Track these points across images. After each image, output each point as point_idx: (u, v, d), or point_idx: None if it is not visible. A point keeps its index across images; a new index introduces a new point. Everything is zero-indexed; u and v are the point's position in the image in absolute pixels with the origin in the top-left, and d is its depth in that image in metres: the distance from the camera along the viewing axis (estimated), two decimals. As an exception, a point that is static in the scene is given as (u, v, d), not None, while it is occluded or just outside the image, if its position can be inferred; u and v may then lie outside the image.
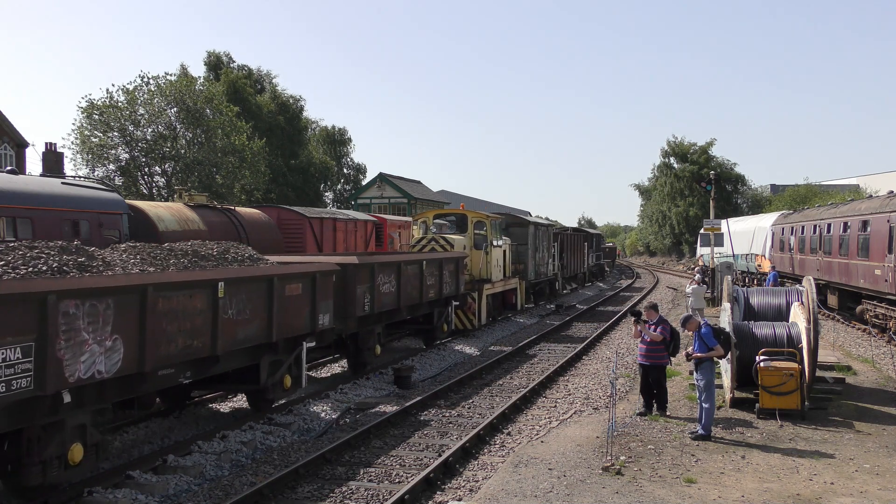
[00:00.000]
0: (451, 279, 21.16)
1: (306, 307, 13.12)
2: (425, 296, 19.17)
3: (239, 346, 11.35)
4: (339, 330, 15.01)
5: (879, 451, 10.82)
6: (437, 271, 20.01)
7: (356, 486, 10.02)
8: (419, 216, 26.76)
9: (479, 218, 25.91)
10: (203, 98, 42.41)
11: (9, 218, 14.36)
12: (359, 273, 15.54)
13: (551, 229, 37.32)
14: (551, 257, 36.61)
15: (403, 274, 17.64)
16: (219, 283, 10.62)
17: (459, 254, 22.52)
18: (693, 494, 9.00)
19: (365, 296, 15.82)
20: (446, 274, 20.71)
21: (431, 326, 21.01)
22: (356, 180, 72.32)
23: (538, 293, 35.45)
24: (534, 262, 32.47)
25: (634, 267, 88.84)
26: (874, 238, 23.05)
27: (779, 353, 12.95)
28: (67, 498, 9.12)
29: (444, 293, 20.59)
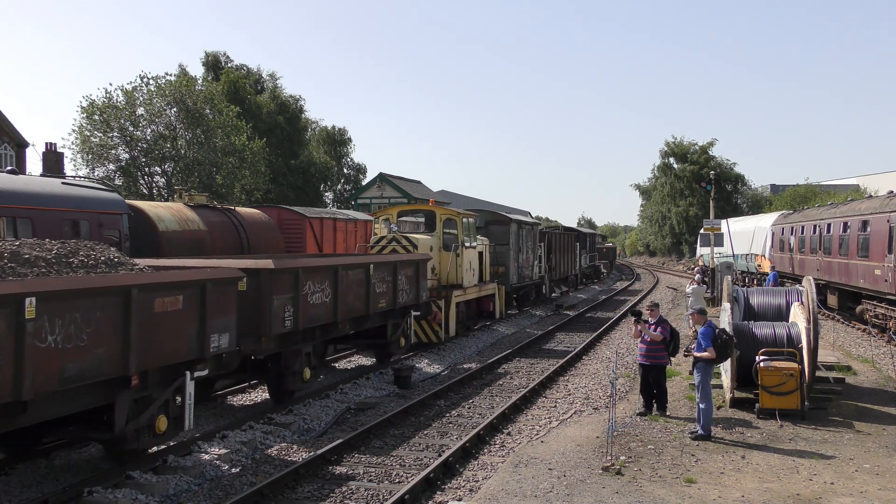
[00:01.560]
0: (410, 285, 18.22)
1: (190, 326, 10.21)
2: (374, 306, 16.21)
3: (70, 385, 8.43)
4: (251, 351, 12.48)
5: (879, 451, 10.83)
6: (389, 277, 17.05)
7: (356, 486, 10.02)
8: (381, 213, 23.82)
9: (448, 215, 23.00)
10: (203, 98, 42.42)
11: (9, 218, 14.36)
12: (277, 280, 12.60)
13: (537, 228, 34.38)
14: (537, 259, 33.82)
15: (342, 281, 14.76)
16: (25, 298, 7.73)
17: (420, 256, 19.45)
18: (693, 494, 9.01)
19: (286, 308, 12.84)
20: (403, 279, 17.68)
21: (385, 341, 18.01)
22: (356, 180, 72.27)
23: (522, 298, 32.68)
24: (516, 264, 29.71)
25: (634, 267, 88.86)
26: (874, 238, 23.05)
27: (779, 353, 12.96)
28: (67, 498, 9.12)
29: (399, 302, 17.57)
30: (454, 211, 23.46)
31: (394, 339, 18.20)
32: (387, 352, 18.46)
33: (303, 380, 14.25)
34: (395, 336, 18.25)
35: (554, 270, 38.85)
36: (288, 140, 60.59)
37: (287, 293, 12.96)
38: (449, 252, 22.17)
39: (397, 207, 24.35)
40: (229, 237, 20.87)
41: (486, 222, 28.58)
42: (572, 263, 44.87)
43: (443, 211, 23.33)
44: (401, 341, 18.58)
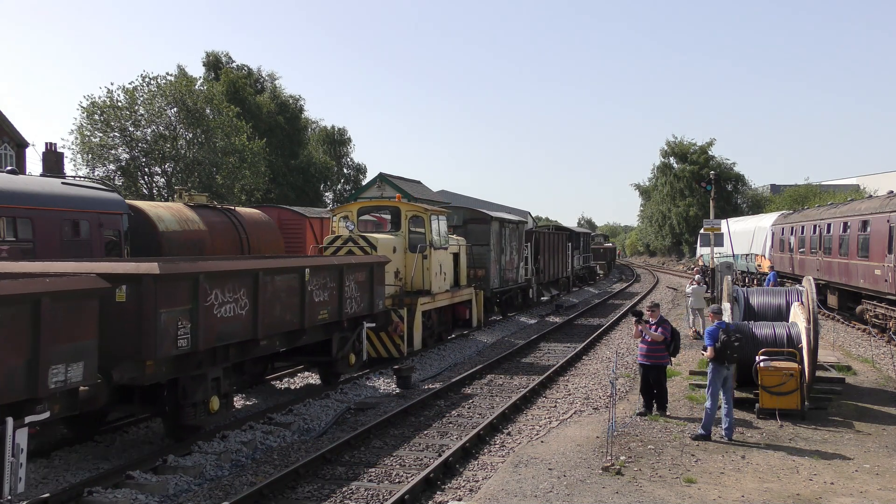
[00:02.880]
0: (362, 293, 15.62)
1: (17, 358, 7.88)
2: (312, 318, 13.66)
3: None
4: (131, 379, 10.04)
5: (879, 451, 10.83)
6: (333, 283, 14.42)
7: (356, 486, 10.02)
8: (340, 209, 21.07)
9: (415, 212, 20.45)
10: (203, 98, 42.44)
11: (9, 218, 14.36)
12: (165, 289, 10.00)
13: (522, 227, 31.64)
14: (522, 260, 31.27)
15: (266, 288, 12.18)
16: None
17: (374, 258, 16.75)
18: (693, 494, 9.01)
19: (180, 324, 10.24)
20: (351, 286, 15.12)
21: (329, 358, 15.29)
22: (356, 180, 72.27)
23: (506, 304, 30.23)
24: (498, 266, 27.28)
25: (634, 267, 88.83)
26: (874, 238, 23.05)
27: (779, 353, 12.97)
28: (67, 498, 9.13)
29: (347, 312, 15.00)
30: (421, 207, 20.92)
31: (341, 356, 15.53)
32: (333, 371, 15.80)
33: (208, 412, 11.48)
34: (344, 352, 15.58)
35: (542, 273, 36.19)
36: (288, 140, 60.60)
37: (181, 305, 10.30)
38: (416, 254, 19.79)
39: (358, 203, 21.79)
40: (229, 237, 20.86)
41: (464, 221, 26.37)
42: (563, 265, 41.87)
43: (409, 207, 20.76)
44: (350, 358, 15.91)
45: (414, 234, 20.30)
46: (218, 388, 11.75)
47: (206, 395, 11.40)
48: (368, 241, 18.51)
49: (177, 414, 11.19)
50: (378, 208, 22.75)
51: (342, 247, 18.49)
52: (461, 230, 25.66)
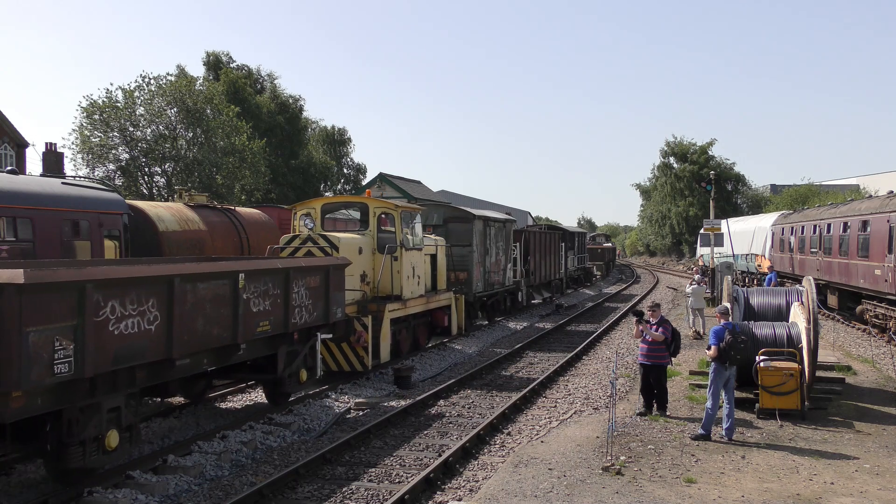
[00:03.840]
0: (315, 300, 13.76)
1: None
2: (248, 330, 11.73)
3: None
4: None
5: (879, 451, 10.83)
6: (277, 289, 12.52)
7: (356, 486, 10.02)
8: (301, 206, 19.13)
9: (385, 209, 18.69)
10: (203, 98, 42.46)
11: (9, 218, 14.35)
12: (35, 303, 8.08)
13: (510, 226, 29.64)
14: (510, 261, 29.40)
15: (183, 298, 10.21)
16: None
17: (332, 261, 14.74)
18: (693, 494, 9.01)
19: (57, 345, 8.34)
20: (302, 293, 13.24)
21: (275, 376, 13.45)
22: (356, 180, 72.32)
23: (492, 308, 28.18)
24: (482, 268, 25.55)
25: (634, 267, 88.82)
26: (874, 238, 23.05)
27: (779, 353, 12.97)
28: (67, 498, 9.13)
29: (295, 323, 13.09)
30: (391, 203, 19.07)
31: (290, 373, 13.78)
32: (281, 389, 13.83)
33: (104, 450, 9.50)
34: (293, 368, 13.83)
35: (533, 274, 34.24)
36: (288, 140, 60.62)
37: (60, 321, 8.39)
38: (385, 255, 17.93)
39: (322, 199, 19.95)
40: (229, 237, 20.86)
41: (445, 219, 24.82)
42: (556, 266, 39.79)
43: (378, 204, 18.89)
44: (301, 374, 14.21)
45: (384, 234, 18.65)
46: (118, 419, 9.68)
47: (100, 430, 9.41)
48: (329, 240, 16.64)
49: (62, 454, 9.06)
50: (345, 205, 21.03)
51: (300, 247, 16.66)
52: (441, 230, 24.22)
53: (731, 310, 13.97)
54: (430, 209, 25.32)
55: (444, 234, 23.55)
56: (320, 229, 18.17)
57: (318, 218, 18.59)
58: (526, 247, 32.88)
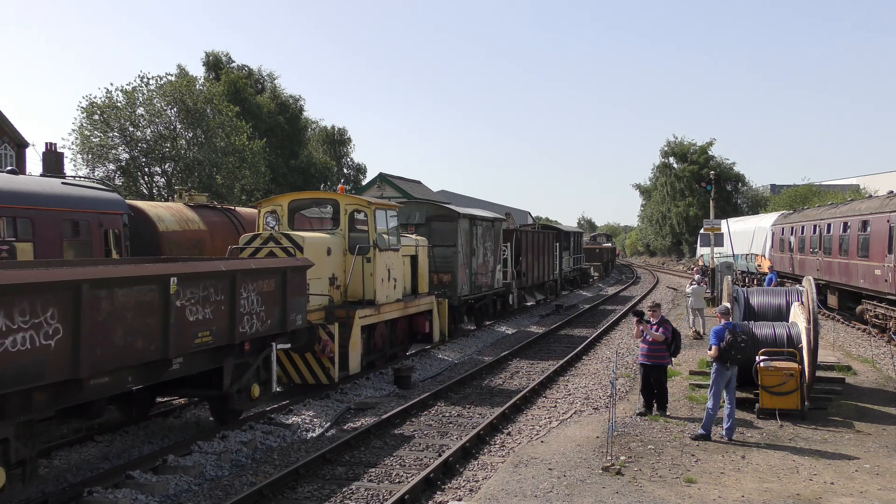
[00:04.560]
0: (271, 306, 12.24)
1: None
2: (183, 342, 10.24)
3: None
4: None
5: (879, 451, 10.83)
6: (221, 295, 10.99)
7: (356, 486, 10.02)
8: (266, 202, 17.69)
9: (356, 205, 17.17)
10: (203, 98, 42.47)
11: (9, 218, 14.36)
12: None
13: (499, 225, 28.25)
14: (500, 262, 27.99)
15: (95, 307, 8.75)
16: None
17: (290, 262, 13.40)
18: (693, 494, 9.01)
19: None
20: (251, 298, 11.69)
21: (220, 392, 11.91)
22: (356, 180, 72.36)
23: (479, 312, 26.70)
24: (468, 269, 24.17)
25: (634, 267, 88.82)
26: (874, 238, 23.06)
27: (779, 353, 12.97)
28: (67, 498, 9.13)
29: (244, 332, 11.55)
30: (364, 200, 17.50)
31: (239, 388, 12.23)
32: (228, 407, 12.38)
33: None
34: (242, 382, 12.26)
35: (525, 276, 32.69)
36: (288, 140, 60.64)
37: None
38: (358, 256, 16.49)
39: (290, 195, 18.08)
40: (229, 237, 20.86)
41: (428, 218, 23.39)
42: (550, 267, 38.13)
43: (349, 200, 17.39)
44: (254, 389, 12.65)
45: (357, 233, 17.17)
46: (5, 454, 8.19)
47: None
48: (292, 240, 15.16)
49: None
50: (315, 201, 19.19)
51: (262, 248, 15.11)
52: (424, 229, 22.80)
53: (731, 310, 13.99)
54: (412, 207, 24.04)
55: (426, 234, 22.32)
56: (287, 228, 16.77)
57: (285, 216, 17.17)
58: (517, 247, 31.70)
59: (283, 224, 16.92)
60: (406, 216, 22.56)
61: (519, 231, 32.79)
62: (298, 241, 15.16)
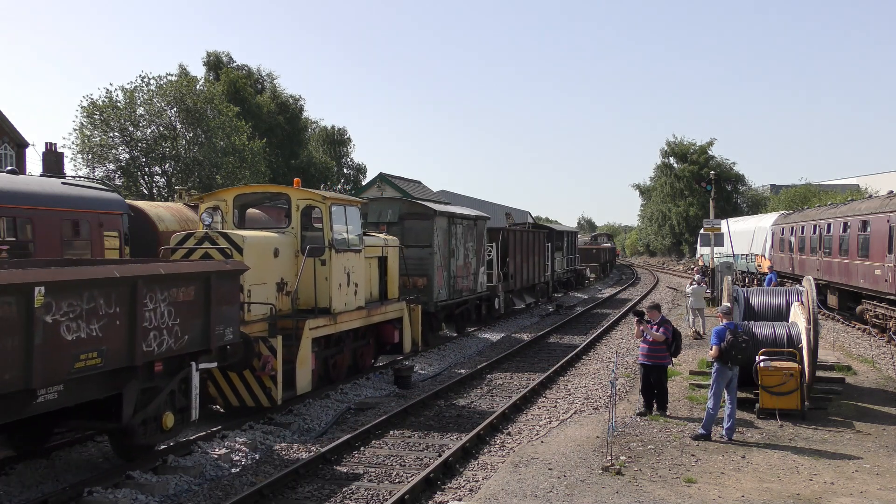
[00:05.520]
0: (188, 318, 10.21)
1: None
2: (58, 367, 8.27)
3: None
4: None
5: (879, 451, 10.83)
6: (114, 307, 8.93)
7: (356, 486, 10.02)
8: (210, 197, 15.72)
9: (310, 200, 15.12)
10: (203, 98, 42.48)
11: (9, 218, 14.36)
12: None
13: (482, 224, 26.43)
14: (483, 264, 26.18)
15: None
16: None
17: (213, 266, 11.12)
18: (693, 494, 9.01)
19: None
20: (160, 310, 9.66)
21: (119, 424, 9.78)
22: (356, 180, 72.34)
23: (461, 318, 24.78)
24: (446, 272, 22.44)
25: (634, 268, 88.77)
26: (874, 238, 23.06)
27: (779, 353, 12.97)
28: (67, 498, 9.13)
29: (149, 351, 9.53)
30: (319, 194, 15.36)
31: (146, 418, 10.11)
32: (131, 442, 10.21)
33: None
34: (149, 412, 10.12)
35: (513, 278, 30.78)
36: (288, 140, 60.63)
37: None
38: (312, 257, 14.49)
39: (236, 189, 16.19)
40: (229, 237, 20.86)
41: (401, 216, 21.71)
42: (541, 268, 36.09)
43: (302, 195, 15.25)
44: (166, 419, 10.45)
45: (314, 232, 15.41)
46: None
47: None
48: (231, 239, 13.22)
49: None
50: (263, 196, 17.06)
51: (196, 248, 13.24)
52: (397, 228, 21.15)
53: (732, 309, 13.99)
54: (384, 204, 22.38)
55: (399, 233, 20.65)
56: (234, 226, 14.98)
57: (231, 212, 15.14)
58: (504, 248, 29.76)
59: (229, 222, 15.05)
60: (377, 214, 21.42)
61: (506, 230, 30.97)
62: (237, 242, 13.23)
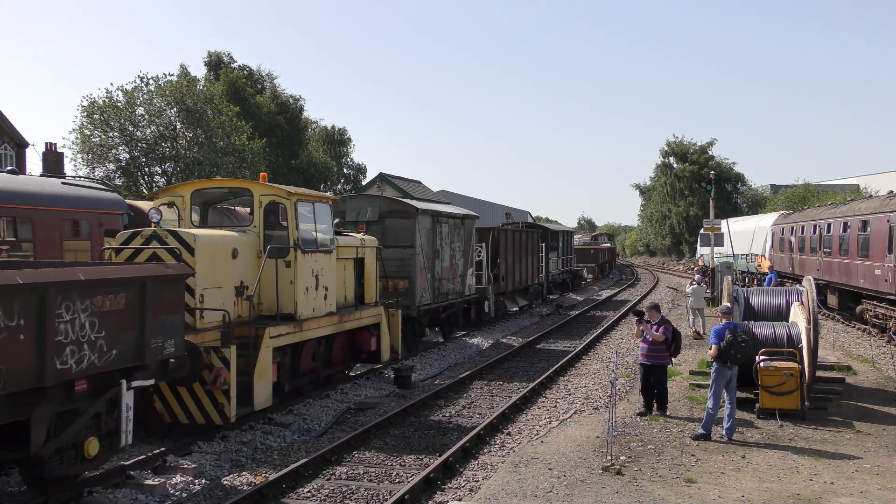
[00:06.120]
0: (115, 330, 8.73)
1: None
2: None
3: None
4: None
5: (879, 451, 10.83)
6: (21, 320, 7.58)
7: (356, 486, 10.02)
8: (165, 192, 14.30)
9: (274, 196, 13.56)
10: (203, 98, 42.49)
11: (9, 218, 14.37)
12: None
13: (470, 223, 25.09)
14: (471, 265, 24.90)
15: None
16: None
17: (149, 270, 9.64)
18: (693, 494, 9.01)
19: None
20: (79, 322, 8.21)
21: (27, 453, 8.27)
22: (356, 180, 72.35)
23: (447, 322, 23.38)
24: (430, 274, 21.16)
25: (634, 268, 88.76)
26: (874, 238, 23.06)
27: (779, 353, 12.97)
28: (68, 498, 9.13)
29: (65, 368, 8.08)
30: (283, 189, 13.68)
31: (61, 445, 8.62)
32: (46, 473, 8.67)
33: None
34: (68, 438, 8.66)
35: (504, 280, 29.36)
36: (288, 140, 60.63)
37: None
38: (276, 259, 13.09)
39: (193, 184, 14.45)
40: (229, 237, 20.85)
41: (381, 214, 20.36)
42: (534, 270, 34.60)
43: (265, 190, 13.65)
44: (88, 446, 8.87)
45: (282, 231, 13.85)
46: None
47: None
48: (181, 239, 11.80)
49: None
50: (222, 191, 15.15)
51: (143, 249, 11.70)
52: (377, 227, 19.85)
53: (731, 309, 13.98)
54: (362, 202, 21.02)
55: (379, 233, 19.50)
56: (190, 224, 13.71)
57: (188, 209, 13.81)
58: (495, 248, 28.36)
59: (186, 219, 13.73)
60: (355, 212, 20.29)
61: (496, 230, 29.57)
62: (188, 241, 11.78)
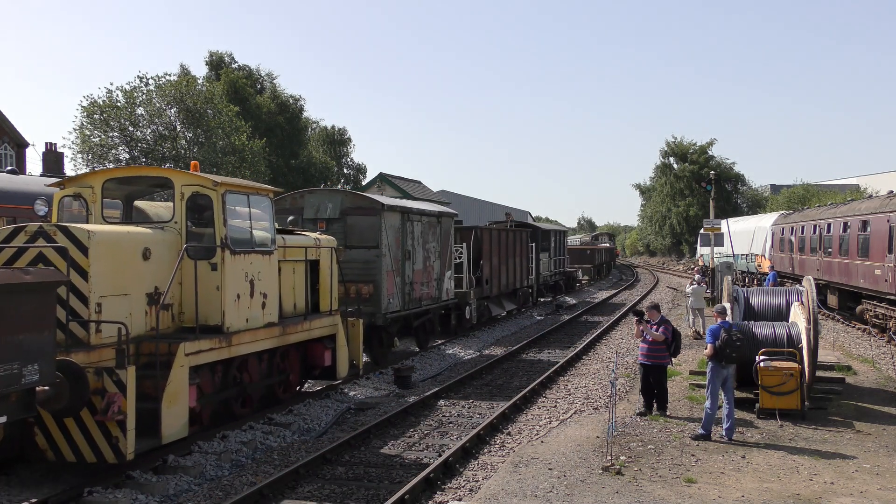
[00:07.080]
0: None
1: None
2: None
3: None
4: None
5: (879, 451, 10.83)
6: None
7: (356, 486, 10.02)
8: (72, 182, 12.10)
9: (198, 187, 11.44)
10: (203, 98, 42.49)
11: (9, 218, 14.37)
12: None
13: (447, 222, 22.94)
14: (449, 267, 22.84)
15: None
16: None
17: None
18: (693, 494, 9.01)
19: None
20: None
21: None
22: (356, 180, 72.35)
23: (421, 330, 21.29)
24: (399, 278, 19.14)
25: (634, 268, 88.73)
26: (874, 238, 23.06)
27: (779, 353, 12.97)
28: (67, 498, 9.13)
29: None
30: (209, 179, 11.47)
31: None
32: None
33: None
34: None
35: (488, 284, 27.02)
36: (288, 140, 60.61)
37: None
38: (202, 261, 11.25)
39: (105, 172, 12.35)
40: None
41: (342, 211, 18.46)
42: (523, 271, 32.35)
43: (189, 179, 11.54)
44: None
45: (197, 228, 11.69)
46: None
47: None
48: (72, 235, 9.85)
49: None
50: (139, 181, 12.77)
51: (27, 247, 9.75)
52: (338, 225, 18.24)
53: (730, 309, 13.99)
54: (322, 197, 19.02)
55: (342, 232, 17.97)
56: (101, 220, 11.79)
57: (98, 202, 11.77)
58: (478, 249, 26.16)
59: (95, 214, 11.78)
60: (314, 209, 18.61)
61: (479, 229, 27.13)
62: (80, 238, 9.84)
